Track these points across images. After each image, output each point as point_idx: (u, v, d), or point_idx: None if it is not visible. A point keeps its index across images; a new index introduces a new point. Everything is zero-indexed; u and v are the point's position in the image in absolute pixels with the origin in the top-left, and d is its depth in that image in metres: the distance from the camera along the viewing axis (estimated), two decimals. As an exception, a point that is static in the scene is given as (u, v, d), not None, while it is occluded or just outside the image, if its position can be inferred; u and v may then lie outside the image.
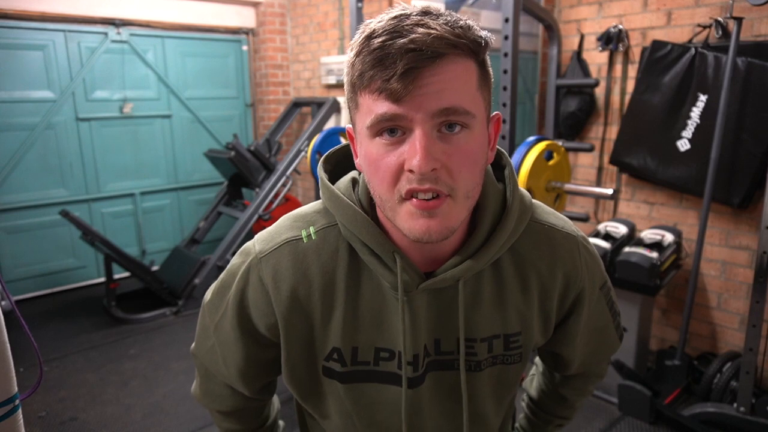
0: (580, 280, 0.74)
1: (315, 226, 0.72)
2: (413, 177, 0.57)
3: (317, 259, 0.70)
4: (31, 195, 3.73)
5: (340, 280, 0.70)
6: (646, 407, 2.30)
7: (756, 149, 2.31)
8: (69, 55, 3.73)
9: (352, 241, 0.69)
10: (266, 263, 0.71)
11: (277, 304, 0.71)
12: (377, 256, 0.67)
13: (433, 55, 0.55)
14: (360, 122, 0.61)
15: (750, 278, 2.34)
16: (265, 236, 0.74)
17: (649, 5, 2.63)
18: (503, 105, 2.40)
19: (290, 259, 0.70)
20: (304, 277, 0.70)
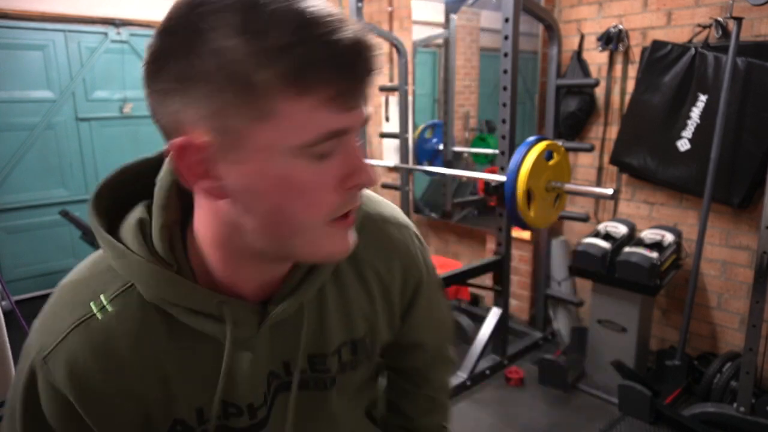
0: (418, 269, 0.71)
1: (106, 294, 0.54)
2: (355, 193, 0.50)
3: (124, 334, 0.54)
4: (31, 195, 3.73)
5: (160, 348, 0.56)
6: (646, 407, 2.29)
7: (756, 149, 2.31)
8: (69, 55, 3.73)
9: (159, 303, 0.54)
10: (55, 363, 0.53)
11: (88, 410, 0.54)
12: (199, 313, 0.55)
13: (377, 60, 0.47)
14: (274, 137, 0.44)
15: (750, 278, 2.34)
16: (41, 324, 0.56)
17: (649, 5, 2.63)
18: (503, 105, 2.40)
19: (87, 346, 0.53)
20: (114, 363, 0.54)
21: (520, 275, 3.30)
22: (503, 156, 2.44)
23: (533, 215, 2.26)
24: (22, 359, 0.56)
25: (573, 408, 2.49)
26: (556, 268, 3.13)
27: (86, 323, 0.54)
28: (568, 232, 3.19)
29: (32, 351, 0.54)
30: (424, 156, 3.77)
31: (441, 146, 3.71)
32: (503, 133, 2.43)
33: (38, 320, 0.57)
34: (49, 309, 0.57)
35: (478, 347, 2.64)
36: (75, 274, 0.58)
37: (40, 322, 0.56)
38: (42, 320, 0.56)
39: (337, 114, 0.45)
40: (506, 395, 2.59)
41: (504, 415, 2.44)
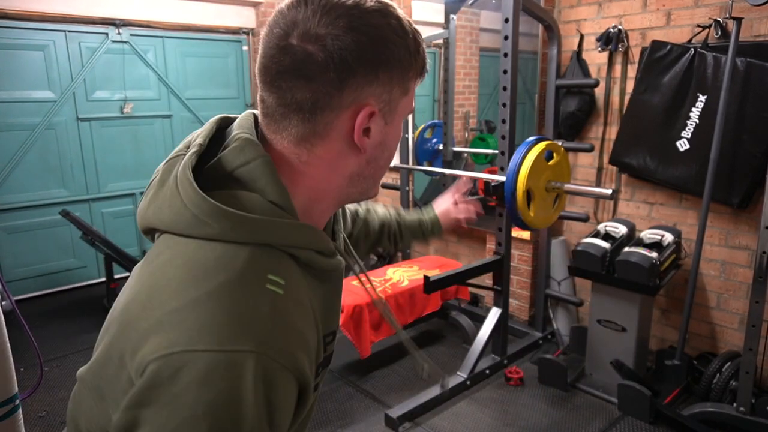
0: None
1: (273, 272, 0.57)
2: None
3: (306, 294, 0.61)
4: (32, 195, 3.73)
5: (310, 293, 0.63)
6: (646, 407, 2.30)
7: (756, 149, 2.31)
8: (69, 55, 3.73)
9: (297, 253, 0.61)
10: (278, 348, 0.53)
11: (307, 368, 0.57)
12: (323, 254, 0.65)
13: None
14: (404, 106, 0.66)
15: (749, 278, 2.34)
16: (230, 330, 0.51)
17: (648, 5, 2.64)
18: (503, 105, 2.40)
19: (291, 320, 0.56)
20: (309, 316, 0.60)
21: (520, 275, 3.30)
22: (503, 156, 2.44)
23: (533, 215, 2.26)
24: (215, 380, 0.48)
25: (573, 408, 2.49)
26: (556, 268, 3.13)
27: (278, 300, 0.55)
28: (568, 232, 3.20)
29: (245, 354, 0.50)
30: (424, 156, 3.78)
31: (441, 146, 3.71)
32: (503, 133, 2.43)
33: (212, 331, 0.50)
34: (222, 315, 0.51)
35: (478, 347, 2.65)
36: (215, 278, 0.54)
37: (222, 330, 0.50)
38: (224, 327, 0.51)
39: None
40: (506, 395, 2.60)
41: (504, 415, 2.44)
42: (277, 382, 0.51)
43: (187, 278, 0.54)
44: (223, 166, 0.61)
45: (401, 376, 2.78)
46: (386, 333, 2.77)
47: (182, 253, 0.56)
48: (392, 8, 0.61)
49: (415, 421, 2.39)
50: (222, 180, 0.60)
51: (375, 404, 2.53)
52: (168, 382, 0.48)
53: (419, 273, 2.98)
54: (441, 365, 2.87)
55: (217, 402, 0.48)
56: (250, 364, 0.49)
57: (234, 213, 0.56)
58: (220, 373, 0.48)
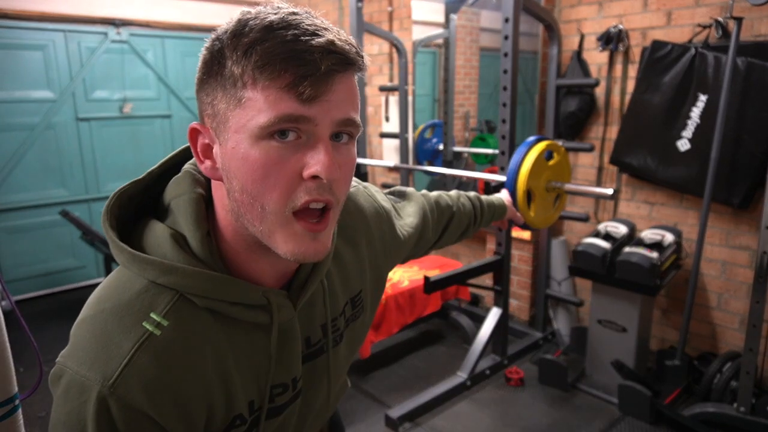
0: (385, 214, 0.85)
1: (156, 311, 0.56)
2: (313, 186, 0.54)
3: (185, 343, 0.56)
4: (31, 195, 3.73)
5: (221, 347, 0.59)
6: (646, 407, 2.30)
7: (756, 149, 2.31)
8: (69, 55, 3.73)
9: (213, 305, 0.58)
10: (127, 386, 0.52)
11: (168, 421, 0.55)
12: (249, 306, 0.61)
13: (347, 62, 0.54)
14: (241, 120, 0.52)
15: (750, 278, 2.34)
16: (89, 358, 0.53)
17: (649, 5, 2.63)
18: (503, 105, 2.40)
19: (154, 363, 0.54)
20: (182, 371, 0.56)
21: (520, 275, 3.30)
22: (503, 156, 2.44)
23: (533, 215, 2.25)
24: (68, 399, 0.54)
25: (573, 408, 2.49)
26: (556, 268, 3.13)
27: (147, 342, 0.54)
28: (568, 232, 3.19)
29: (91, 385, 0.52)
30: (424, 156, 3.78)
31: (441, 146, 3.71)
32: (503, 133, 2.43)
33: (79, 355, 0.54)
34: (90, 341, 0.55)
35: (478, 347, 2.64)
36: (106, 302, 0.57)
37: (85, 356, 0.54)
38: (87, 353, 0.54)
39: (294, 102, 0.51)
40: (506, 395, 2.60)
41: (504, 415, 2.44)
42: (119, 418, 0.52)
43: (95, 295, 0.59)
44: (165, 196, 0.63)
45: (401, 376, 2.77)
46: (386, 333, 2.76)
47: (113, 273, 0.61)
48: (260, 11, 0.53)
49: (415, 421, 2.38)
50: (161, 209, 0.63)
51: (375, 404, 2.53)
52: (53, 386, 0.57)
53: (419, 273, 2.98)
54: (441, 365, 2.87)
55: (70, 416, 0.53)
56: (93, 394, 0.52)
57: (125, 248, 0.58)
58: (73, 393, 0.53)
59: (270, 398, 0.66)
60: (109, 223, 0.60)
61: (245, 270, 0.62)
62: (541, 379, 2.67)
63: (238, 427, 0.63)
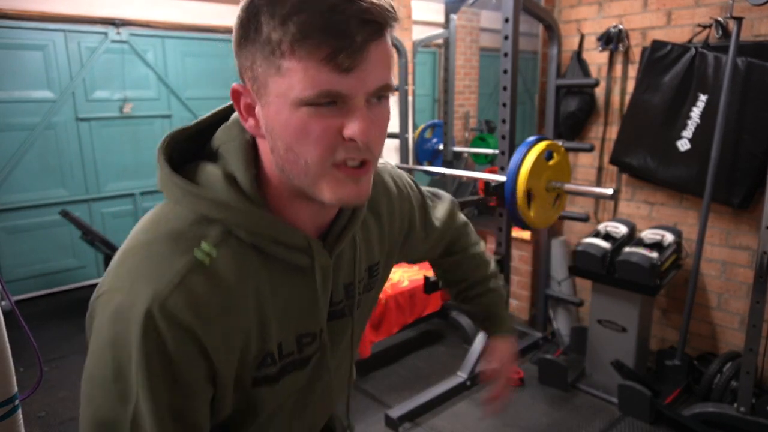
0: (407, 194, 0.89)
1: (207, 241, 0.59)
2: (352, 146, 0.57)
3: (233, 276, 0.60)
4: (31, 195, 3.73)
5: (261, 283, 0.63)
6: (647, 407, 2.29)
7: (756, 149, 2.31)
8: (69, 55, 3.73)
9: (259, 242, 0.62)
10: (176, 304, 0.55)
11: (212, 341, 0.58)
12: (290, 247, 0.65)
13: (381, 29, 0.54)
14: (281, 88, 0.54)
15: (750, 278, 2.34)
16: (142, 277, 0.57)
17: (649, 5, 2.63)
18: (503, 105, 2.40)
19: (203, 286, 0.58)
20: (227, 298, 0.60)
21: (520, 275, 3.30)
22: (503, 156, 2.44)
23: (533, 215, 2.26)
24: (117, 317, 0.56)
25: (573, 408, 2.49)
26: (556, 268, 3.13)
27: (196, 268, 0.58)
28: (568, 232, 3.19)
29: (142, 301, 0.55)
30: (424, 156, 3.78)
31: (441, 146, 3.71)
32: (503, 133, 2.43)
33: (131, 275, 0.57)
34: (143, 263, 0.58)
35: (478, 347, 2.64)
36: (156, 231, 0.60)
37: (137, 276, 0.57)
38: (139, 273, 0.57)
39: (334, 75, 0.52)
40: (506, 395, 2.59)
41: (504, 414, 2.44)
42: (167, 335, 0.55)
43: (141, 227, 0.62)
44: (214, 142, 0.66)
45: (401, 376, 2.77)
46: (386, 333, 2.76)
47: (154, 209, 0.64)
48: None
49: (415, 421, 2.38)
50: (209, 153, 0.66)
51: (375, 404, 2.53)
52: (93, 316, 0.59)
53: (419, 273, 2.98)
54: (441, 365, 2.87)
55: (117, 339, 0.55)
56: (142, 311, 0.54)
57: (180, 183, 0.61)
58: (120, 316, 0.55)
59: (299, 347, 0.70)
60: (165, 157, 0.63)
61: (287, 217, 0.65)
62: (541, 379, 2.67)
63: (269, 367, 0.67)
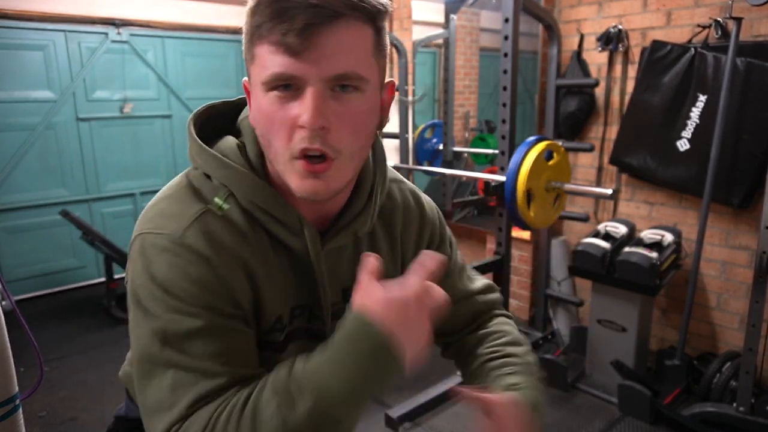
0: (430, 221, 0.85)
1: (219, 197, 0.65)
2: (304, 134, 0.58)
3: (241, 227, 0.65)
4: (31, 195, 3.73)
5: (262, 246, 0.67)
6: (646, 407, 2.30)
7: (756, 149, 2.31)
8: (69, 55, 3.73)
9: (253, 210, 0.66)
10: (193, 235, 0.61)
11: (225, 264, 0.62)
12: (282, 224, 0.67)
13: (332, 14, 0.55)
14: (255, 75, 0.60)
15: (750, 278, 2.34)
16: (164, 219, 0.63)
17: (648, 5, 2.64)
18: (503, 105, 2.40)
19: (219, 225, 0.63)
20: (241, 240, 0.64)
21: (520, 275, 3.30)
22: (503, 156, 2.44)
23: (533, 215, 2.26)
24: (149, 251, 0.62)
25: (573, 408, 2.49)
26: (556, 268, 3.13)
27: (211, 212, 0.64)
28: (568, 232, 3.20)
29: (166, 235, 0.62)
30: (424, 156, 3.78)
31: (441, 146, 3.71)
32: (503, 133, 2.43)
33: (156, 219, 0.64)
34: (166, 209, 0.65)
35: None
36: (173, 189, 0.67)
37: (161, 218, 0.63)
38: (163, 216, 0.64)
39: (285, 58, 0.56)
40: (506, 395, 2.59)
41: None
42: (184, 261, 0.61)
43: (164, 187, 0.69)
44: (240, 117, 0.72)
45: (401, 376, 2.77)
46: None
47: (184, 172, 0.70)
48: None
49: (415, 421, 2.38)
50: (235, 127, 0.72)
51: (375, 404, 2.53)
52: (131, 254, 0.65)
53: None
54: (441, 365, 2.86)
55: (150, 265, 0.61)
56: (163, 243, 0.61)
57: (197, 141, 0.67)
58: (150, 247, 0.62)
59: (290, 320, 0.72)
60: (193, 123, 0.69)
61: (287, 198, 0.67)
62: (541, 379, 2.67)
63: (277, 333, 0.70)
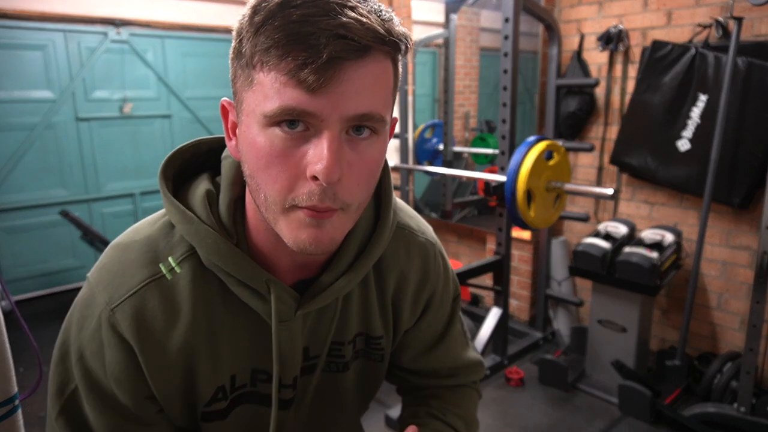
0: (431, 285, 0.75)
1: (174, 257, 0.59)
2: (315, 188, 0.49)
3: (189, 295, 0.59)
4: (31, 195, 3.73)
5: (216, 312, 0.61)
6: (647, 407, 2.29)
7: (756, 149, 2.31)
8: (69, 55, 3.73)
9: (215, 270, 0.59)
10: (122, 314, 0.57)
11: (147, 358, 0.58)
12: (246, 287, 0.59)
13: (359, 48, 0.47)
14: (251, 104, 0.50)
15: (750, 278, 2.34)
16: (107, 279, 0.59)
17: (649, 5, 2.63)
18: (503, 105, 2.40)
19: (154, 301, 0.58)
20: (175, 318, 0.59)
21: (520, 275, 3.30)
22: (503, 156, 2.44)
23: (533, 215, 2.26)
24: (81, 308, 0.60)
25: (573, 408, 2.49)
26: (556, 268, 3.13)
27: (157, 282, 0.59)
28: (568, 232, 3.19)
29: (99, 303, 0.58)
30: (424, 156, 3.78)
31: (441, 146, 3.71)
32: (503, 133, 2.43)
33: (102, 273, 0.60)
34: (114, 264, 0.60)
35: (478, 347, 2.64)
36: (137, 234, 0.62)
37: (106, 276, 0.60)
38: (108, 274, 0.60)
39: (299, 92, 0.47)
40: (506, 395, 2.59)
41: (504, 415, 2.44)
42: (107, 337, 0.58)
43: (135, 226, 0.64)
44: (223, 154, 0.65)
45: None
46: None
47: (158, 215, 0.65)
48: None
49: (416, 421, 2.38)
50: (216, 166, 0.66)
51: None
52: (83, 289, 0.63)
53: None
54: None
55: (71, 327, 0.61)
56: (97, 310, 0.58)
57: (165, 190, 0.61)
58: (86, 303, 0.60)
59: (252, 382, 0.66)
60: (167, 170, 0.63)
61: (263, 252, 0.61)
62: (541, 379, 2.67)
63: (219, 402, 0.65)
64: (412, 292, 0.74)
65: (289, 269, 0.62)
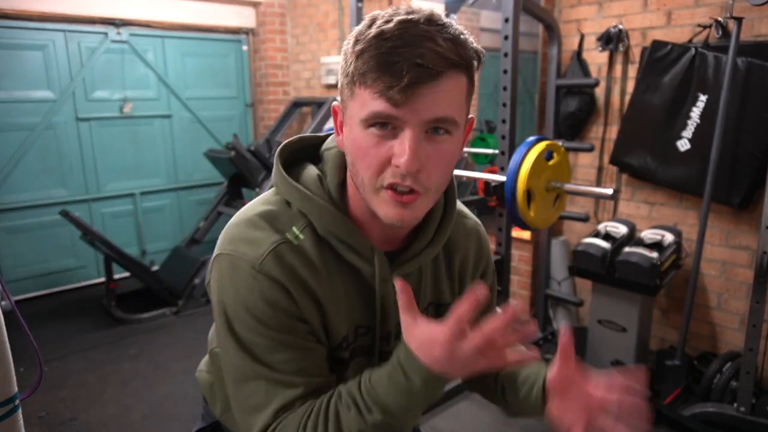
0: (485, 258, 0.93)
1: (297, 226, 0.74)
2: (397, 172, 0.64)
3: (316, 255, 0.74)
4: (31, 195, 3.73)
5: (333, 272, 0.75)
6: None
7: (756, 149, 2.31)
8: (69, 55, 3.73)
9: (330, 238, 0.74)
10: (270, 264, 0.71)
11: (299, 297, 0.72)
12: (355, 251, 0.75)
13: (434, 74, 0.61)
14: (353, 110, 0.66)
15: (750, 278, 2.34)
16: (244, 245, 0.72)
17: (649, 5, 2.63)
18: (503, 105, 2.40)
19: (293, 256, 0.72)
20: (312, 270, 0.73)
21: (520, 275, 3.30)
22: (503, 156, 2.44)
23: (533, 215, 2.26)
24: (232, 276, 0.71)
25: (573, 408, 2.48)
26: (556, 268, 3.13)
27: (287, 243, 0.72)
28: (568, 232, 3.19)
29: (246, 263, 0.71)
30: (424, 156, 3.77)
31: (441, 146, 3.70)
32: (503, 133, 2.43)
33: (237, 244, 0.72)
34: (246, 234, 0.73)
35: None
36: (255, 210, 0.75)
37: (242, 244, 0.72)
38: (243, 242, 0.72)
39: (386, 106, 0.62)
40: (506, 395, 2.59)
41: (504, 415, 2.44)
42: (261, 286, 0.70)
43: (245, 207, 0.78)
44: (323, 148, 0.80)
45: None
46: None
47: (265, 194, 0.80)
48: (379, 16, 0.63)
49: (416, 421, 2.38)
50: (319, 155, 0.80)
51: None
52: (212, 273, 0.76)
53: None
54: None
55: (229, 288, 0.72)
56: (248, 267, 0.70)
57: (281, 174, 0.76)
58: (230, 271, 0.72)
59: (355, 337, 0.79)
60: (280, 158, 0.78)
61: (362, 224, 0.76)
62: (541, 379, 2.67)
63: (344, 351, 0.79)
64: (472, 264, 0.90)
65: (380, 240, 0.77)
